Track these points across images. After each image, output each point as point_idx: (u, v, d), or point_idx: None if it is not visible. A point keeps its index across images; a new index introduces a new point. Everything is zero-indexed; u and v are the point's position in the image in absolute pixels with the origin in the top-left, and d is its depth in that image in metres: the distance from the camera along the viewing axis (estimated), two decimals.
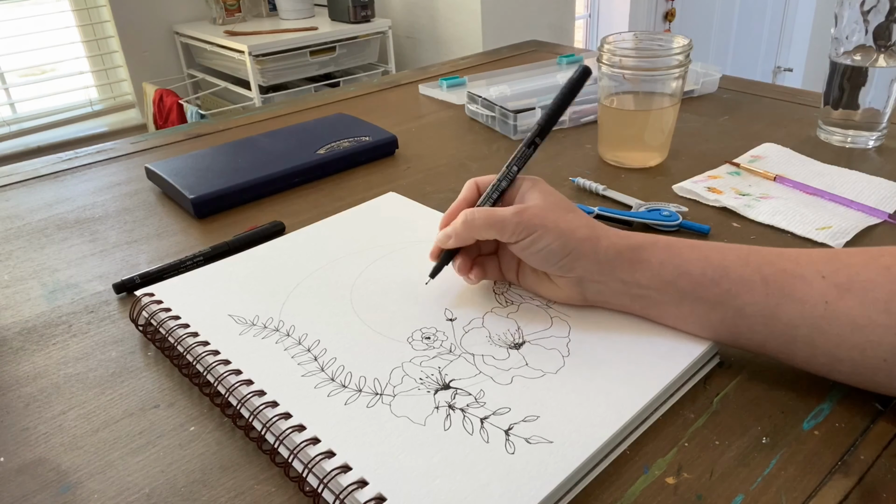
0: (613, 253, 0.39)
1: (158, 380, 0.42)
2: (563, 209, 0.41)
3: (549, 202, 0.42)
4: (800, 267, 0.36)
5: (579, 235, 0.40)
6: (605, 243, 0.40)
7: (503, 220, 0.41)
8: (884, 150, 0.69)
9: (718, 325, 0.38)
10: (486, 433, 0.34)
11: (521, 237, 0.40)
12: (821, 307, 0.35)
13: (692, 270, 0.38)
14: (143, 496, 0.33)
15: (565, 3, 2.21)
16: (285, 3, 2.23)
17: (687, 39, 0.64)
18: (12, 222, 0.64)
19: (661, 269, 0.38)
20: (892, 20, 0.63)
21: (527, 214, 0.40)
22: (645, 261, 0.39)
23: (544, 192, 0.42)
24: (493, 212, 0.41)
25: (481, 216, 0.42)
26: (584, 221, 0.41)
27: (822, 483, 0.32)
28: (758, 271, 0.37)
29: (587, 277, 0.40)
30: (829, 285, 0.35)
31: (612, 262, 0.39)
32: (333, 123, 0.78)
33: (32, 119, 2.14)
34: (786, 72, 3.48)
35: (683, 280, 0.38)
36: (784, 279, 0.36)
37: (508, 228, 0.40)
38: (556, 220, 0.40)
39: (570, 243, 0.39)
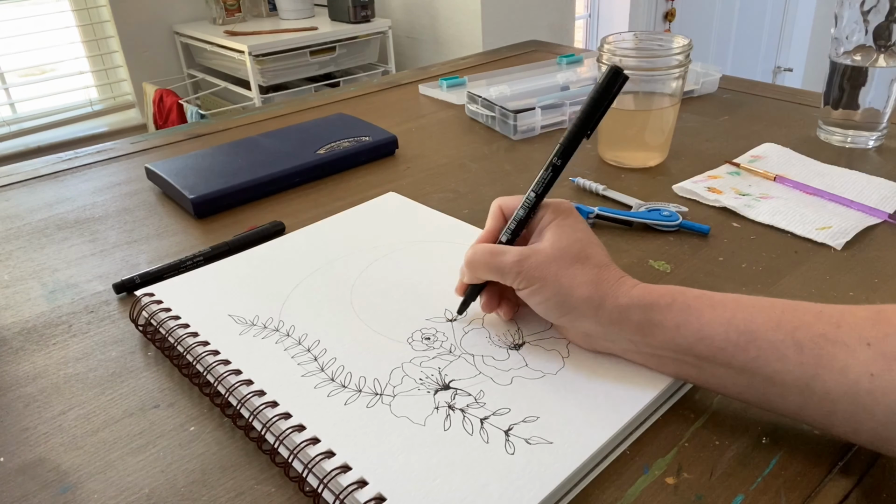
0: (619, 315, 0.36)
1: (158, 380, 0.42)
2: (571, 258, 0.37)
3: (559, 248, 0.38)
4: (841, 332, 0.31)
5: (579, 294, 0.36)
6: (611, 304, 0.36)
7: (502, 267, 0.38)
8: (884, 150, 0.69)
9: (746, 389, 0.34)
10: (485, 433, 0.34)
11: (520, 287, 0.38)
12: (865, 380, 0.30)
13: (714, 335, 0.34)
14: (143, 496, 0.33)
15: (565, 3, 2.21)
16: (285, 3, 2.23)
17: (687, 39, 0.64)
18: (12, 222, 0.64)
19: (676, 332, 0.35)
20: (892, 20, 0.63)
21: (527, 265, 0.38)
22: (657, 323, 0.35)
23: (561, 233, 0.39)
24: (494, 255, 0.39)
25: (482, 258, 0.40)
26: (589, 277, 0.37)
27: (822, 483, 0.32)
28: (791, 336, 0.32)
29: (593, 333, 0.38)
30: (876, 355, 0.30)
31: (620, 324, 0.36)
32: (333, 123, 0.78)
33: (32, 119, 2.14)
34: (786, 72, 3.48)
35: (703, 345, 0.34)
36: (822, 346, 0.31)
37: (508, 276, 0.38)
38: (557, 274, 0.37)
39: (568, 302, 0.37)
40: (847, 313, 0.32)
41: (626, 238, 0.55)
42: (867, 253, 0.51)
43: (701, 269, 0.50)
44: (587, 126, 0.39)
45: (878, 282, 0.48)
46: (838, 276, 0.48)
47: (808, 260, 0.50)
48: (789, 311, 0.33)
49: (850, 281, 0.48)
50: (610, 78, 0.38)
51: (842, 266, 0.49)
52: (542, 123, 0.78)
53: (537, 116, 0.77)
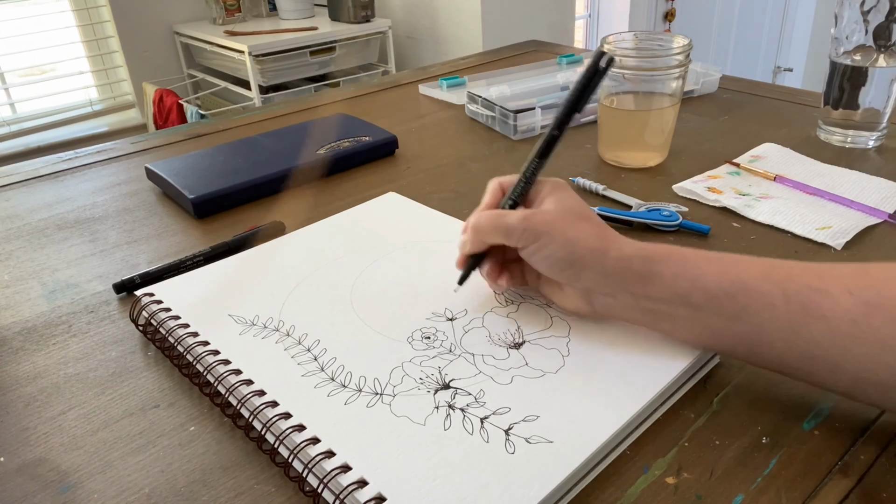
0: (623, 265, 0.38)
1: (158, 380, 0.42)
2: (575, 216, 0.40)
3: (562, 208, 0.40)
4: (825, 282, 0.34)
5: (586, 245, 0.38)
6: (615, 254, 0.38)
7: (508, 225, 0.40)
8: (884, 150, 0.69)
9: (734, 340, 0.36)
10: (486, 433, 0.34)
11: (527, 243, 0.39)
12: (846, 325, 0.32)
13: (708, 284, 0.36)
14: (143, 496, 0.33)
15: (565, 3, 2.21)
16: (285, 3, 2.23)
17: (687, 39, 0.64)
18: (12, 222, 0.64)
19: (674, 282, 0.36)
20: (892, 20, 0.63)
21: (533, 220, 0.39)
22: (657, 274, 0.37)
23: (561, 198, 0.41)
24: (500, 216, 0.40)
25: (488, 220, 0.41)
26: (594, 231, 0.39)
27: (822, 483, 0.32)
28: (779, 286, 0.34)
29: (595, 289, 0.39)
30: (857, 302, 0.32)
31: (622, 273, 0.38)
32: (333, 123, 0.78)
33: (32, 119, 2.14)
34: (786, 72, 3.48)
35: (698, 294, 0.36)
36: (807, 295, 0.33)
37: (514, 234, 0.39)
38: (563, 228, 0.39)
39: (575, 252, 0.38)
40: (831, 267, 0.35)
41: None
42: (867, 253, 0.51)
43: None
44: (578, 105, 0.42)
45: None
46: None
47: (808, 260, 0.50)
48: (778, 265, 0.36)
49: None
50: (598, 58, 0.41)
51: None
52: (542, 123, 0.78)
53: (537, 116, 0.77)
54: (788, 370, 0.35)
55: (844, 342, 0.32)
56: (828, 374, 0.34)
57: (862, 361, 0.32)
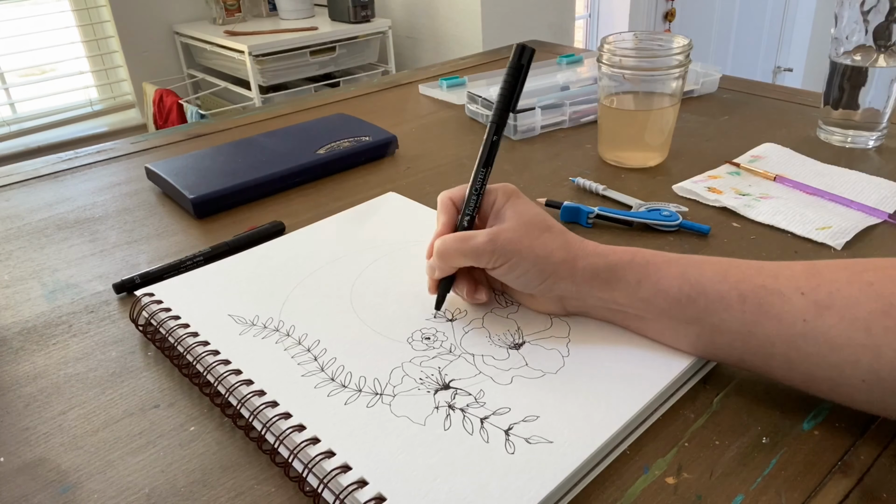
0: (590, 274, 0.39)
1: (158, 380, 0.42)
2: (539, 229, 0.40)
3: (524, 222, 0.40)
4: (778, 283, 0.35)
5: (555, 259, 0.39)
6: (582, 264, 0.39)
7: (476, 249, 0.40)
8: (884, 150, 0.69)
9: (695, 340, 0.37)
10: (485, 433, 0.34)
11: (497, 264, 0.40)
12: (799, 325, 0.34)
13: (668, 288, 0.37)
14: (143, 496, 0.33)
15: (565, 3, 2.21)
16: (285, 3, 2.23)
17: (687, 39, 0.64)
18: (12, 222, 0.64)
19: (637, 287, 0.38)
20: (892, 20, 0.63)
21: (500, 241, 0.39)
22: (621, 279, 0.38)
23: (518, 211, 0.41)
24: (465, 240, 0.40)
25: (453, 247, 0.41)
26: (559, 242, 0.40)
27: (822, 483, 0.32)
28: (735, 288, 0.36)
29: (567, 296, 0.40)
30: (809, 302, 0.34)
31: (590, 282, 0.39)
32: (333, 123, 0.78)
33: (32, 119, 2.14)
34: (786, 72, 3.48)
35: (660, 298, 0.37)
36: (762, 296, 0.35)
37: (483, 257, 0.40)
38: (530, 245, 0.39)
39: (546, 269, 0.39)
40: (784, 267, 0.36)
41: (626, 238, 0.55)
42: (867, 253, 0.51)
43: None
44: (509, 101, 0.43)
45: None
46: None
47: (807, 260, 0.50)
48: (734, 266, 0.37)
49: None
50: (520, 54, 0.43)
51: None
52: (542, 123, 0.78)
53: (537, 116, 0.77)
54: (747, 366, 0.37)
55: (797, 341, 0.34)
56: (784, 371, 0.35)
57: (813, 359, 0.33)
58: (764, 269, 0.36)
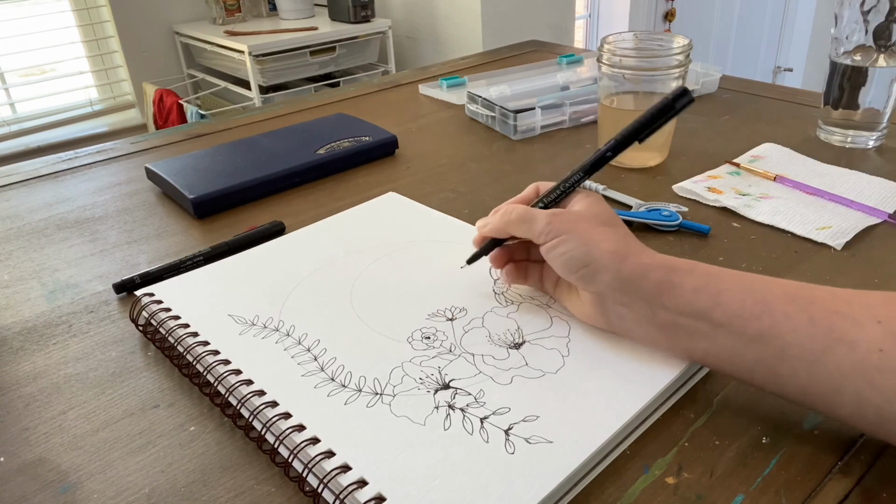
0: (640, 271, 0.36)
1: (158, 380, 0.42)
2: (601, 222, 0.39)
3: (590, 213, 0.40)
4: (853, 309, 0.32)
5: (604, 247, 0.37)
6: (633, 260, 0.37)
7: (535, 218, 0.40)
8: (884, 150, 0.69)
9: (754, 364, 0.34)
10: (485, 433, 0.34)
11: (548, 238, 0.39)
12: (874, 355, 0.30)
13: (731, 301, 0.34)
14: (143, 496, 0.33)
15: (565, 3, 2.21)
16: (285, 3, 2.23)
17: (687, 39, 0.64)
18: (12, 222, 0.64)
19: (693, 296, 0.35)
20: (892, 20, 0.63)
21: (559, 218, 0.39)
22: (676, 284, 0.35)
23: (590, 204, 0.41)
24: (529, 210, 0.41)
25: (518, 210, 0.41)
26: (617, 236, 0.38)
27: (822, 483, 0.32)
28: (804, 310, 0.33)
29: (609, 296, 0.37)
30: (886, 332, 0.31)
31: (638, 281, 0.36)
32: (333, 123, 0.78)
33: (32, 119, 2.14)
34: (786, 72, 3.48)
35: (719, 310, 0.34)
36: (834, 321, 0.32)
37: (538, 227, 0.40)
38: (586, 228, 0.38)
39: (592, 252, 0.37)
40: (859, 295, 0.33)
41: None
42: (867, 253, 0.51)
43: None
44: (642, 130, 0.42)
45: (878, 282, 0.48)
46: (838, 276, 0.48)
47: (808, 260, 0.50)
48: (804, 287, 0.34)
49: (850, 281, 0.48)
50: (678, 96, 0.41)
51: (842, 266, 0.49)
52: (542, 123, 0.78)
53: (537, 116, 0.77)
54: (810, 400, 0.33)
55: (871, 373, 0.31)
56: (852, 407, 0.32)
57: (888, 394, 0.30)
58: (836, 294, 0.34)
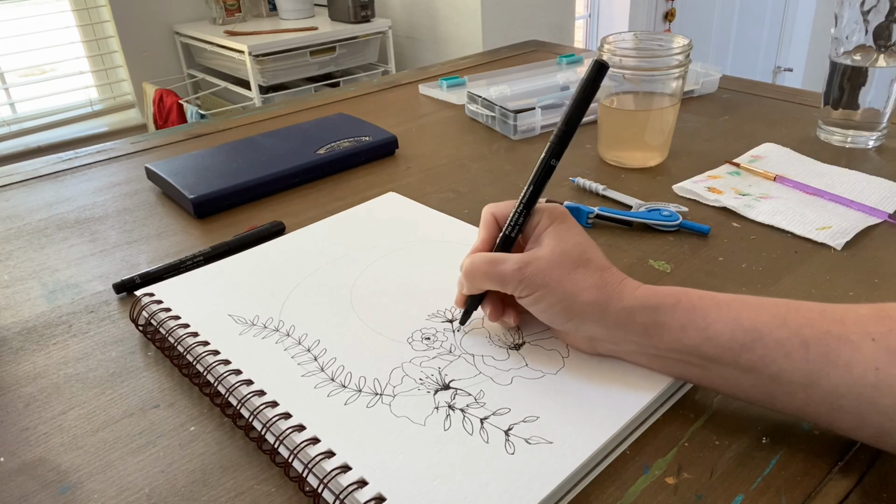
0: (625, 318, 0.36)
1: (158, 380, 0.42)
2: (573, 263, 0.37)
3: (559, 253, 0.37)
4: (846, 328, 0.32)
5: (584, 299, 0.36)
6: (616, 307, 0.36)
7: (503, 276, 0.38)
8: (884, 150, 0.69)
9: (750, 390, 0.34)
10: (485, 433, 0.34)
11: (523, 294, 0.37)
12: (871, 375, 0.30)
13: (719, 335, 0.34)
14: (143, 496, 0.33)
15: (565, 3, 2.21)
16: (285, 3, 2.23)
17: (687, 39, 0.64)
18: (12, 222, 0.64)
19: (682, 333, 0.34)
20: (892, 20, 0.63)
21: (529, 271, 0.37)
22: (662, 324, 0.35)
23: (559, 238, 0.38)
24: (493, 264, 0.38)
25: (481, 269, 0.39)
26: (592, 281, 0.36)
27: (822, 483, 0.32)
28: (797, 334, 0.32)
29: (598, 338, 0.37)
30: (881, 349, 0.31)
31: (625, 326, 0.36)
32: (333, 123, 0.78)
33: (32, 119, 2.14)
34: (786, 72, 3.48)
35: (709, 345, 0.34)
36: (828, 342, 0.32)
37: (510, 285, 0.38)
38: (559, 279, 0.36)
39: (574, 308, 0.36)
40: (850, 311, 0.33)
41: (626, 238, 0.55)
42: (867, 253, 0.51)
43: (701, 269, 0.50)
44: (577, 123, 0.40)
45: (878, 282, 0.48)
46: (838, 276, 0.48)
47: (808, 260, 0.50)
48: (793, 309, 0.34)
49: (850, 281, 0.48)
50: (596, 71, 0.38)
51: (842, 266, 0.49)
52: (542, 123, 0.78)
53: (537, 116, 0.77)
54: (809, 418, 0.34)
55: (869, 392, 0.31)
56: (852, 424, 0.32)
57: (887, 411, 0.30)
58: (828, 313, 0.33)
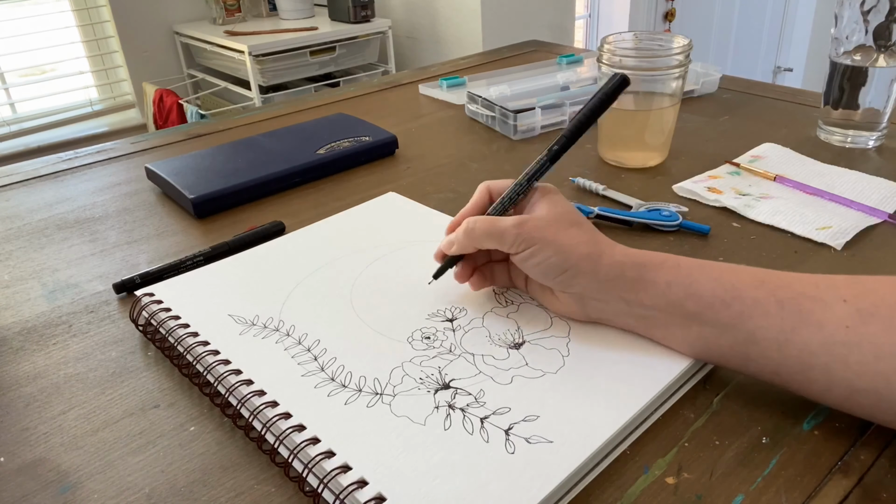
0: (616, 271, 0.38)
1: (158, 380, 0.42)
2: (567, 222, 0.40)
3: (554, 214, 0.40)
4: (819, 290, 0.34)
5: (579, 252, 0.38)
6: (608, 261, 0.38)
7: (502, 232, 0.40)
8: (884, 150, 0.69)
9: (728, 350, 0.36)
10: (486, 433, 0.34)
11: (520, 249, 0.39)
12: (841, 332, 0.32)
13: (702, 291, 0.36)
14: (143, 496, 0.33)
15: (565, 3, 2.21)
16: (285, 3, 2.23)
17: (687, 39, 0.64)
18: (12, 222, 0.64)
19: (667, 289, 0.37)
20: (892, 20, 0.63)
21: (527, 227, 0.39)
22: (650, 280, 0.37)
23: (552, 203, 0.41)
24: (493, 222, 0.40)
25: (482, 226, 0.41)
26: (586, 237, 0.39)
27: (822, 483, 0.32)
28: (773, 294, 0.34)
29: (588, 294, 0.39)
30: (852, 310, 0.32)
31: (615, 280, 0.38)
32: (333, 123, 0.78)
33: (32, 119, 2.14)
34: (786, 72, 3.48)
35: (692, 301, 0.36)
36: (801, 302, 0.34)
37: (507, 240, 0.40)
38: (556, 234, 0.39)
39: (569, 259, 0.38)
40: (825, 278, 0.35)
41: (626, 238, 0.55)
42: (867, 253, 0.51)
43: None
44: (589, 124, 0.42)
45: None
46: None
47: (808, 260, 0.50)
48: (772, 274, 0.36)
49: None
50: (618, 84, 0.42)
51: (842, 266, 0.49)
52: (542, 123, 0.78)
53: (537, 116, 0.77)
54: (782, 380, 0.35)
55: (839, 349, 0.32)
56: (823, 384, 0.33)
57: (856, 369, 0.32)
58: (803, 279, 0.35)
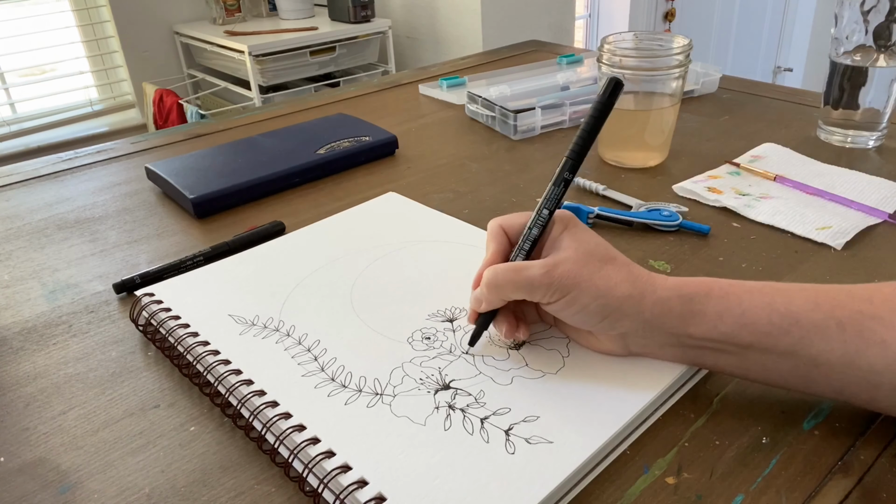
0: (662, 308, 0.35)
1: (158, 380, 0.42)
2: (599, 260, 0.36)
3: (584, 252, 0.36)
4: (875, 307, 0.33)
5: (620, 293, 0.35)
6: (651, 298, 0.35)
7: (531, 282, 0.36)
8: (884, 150, 0.69)
9: (788, 375, 0.34)
10: (486, 433, 0.34)
11: (553, 299, 0.36)
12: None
13: (756, 321, 0.34)
14: (143, 496, 0.33)
15: (565, 3, 2.21)
16: (285, 3, 2.23)
17: (687, 39, 0.64)
18: (12, 222, 0.64)
19: (718, 321, 0.34)
20: (892, 20, 0.63)
21: (557, 273, 0.35)
22: (699, 313, 0.35)
23: (578, 240, 0.37)
24: (518, 272, 0.36)
25: (506, 278, 0.37)
26: (624, 274, 0.36)
27: (822, 483, 0.32)
28: (831, 316, 0.33)
29: (632, 333, 0.36)
30: None
31: (661, 318, 0.35)
32: (333, 123, 0.78)
33: (32, 119, 2.14)
34: (786, 72, 3.47)
35: (746, 332, 0.34)
36: (861, 322, 0.32)
37: (539, 291, 0.36)
38: (590, 276, 0.35)
39: (610, 304, 0.35)
40: (875, 290, 0.34)
41: (626, 238, 0.55)
42: (867, 253, 0.51)
43: (701, 269, 0.50)
44: (593, 138, 0.39)
45: (878, 281, 0.47)
46: (838, 276, 0.48)
47: (808, 260, 0.50)
48: (822, 292, 0.34)
49: (850, 281, 0.47)
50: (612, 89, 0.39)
51: (842, 266, 0.49)
52: (542, 123, 0.78)
53: (537, 116, 0.77)
54: (846, 398, 0.34)
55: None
56: (890, 401, 0.33)
57: None
58: (855, 294, 0.34)
